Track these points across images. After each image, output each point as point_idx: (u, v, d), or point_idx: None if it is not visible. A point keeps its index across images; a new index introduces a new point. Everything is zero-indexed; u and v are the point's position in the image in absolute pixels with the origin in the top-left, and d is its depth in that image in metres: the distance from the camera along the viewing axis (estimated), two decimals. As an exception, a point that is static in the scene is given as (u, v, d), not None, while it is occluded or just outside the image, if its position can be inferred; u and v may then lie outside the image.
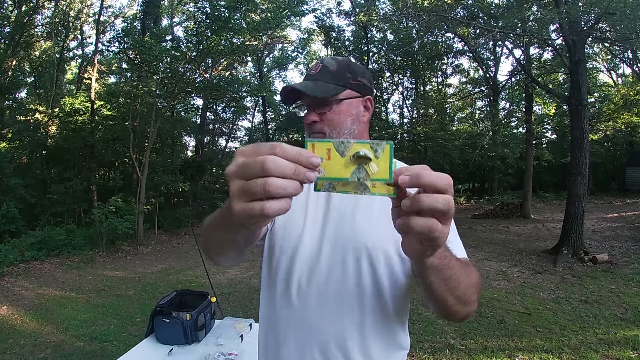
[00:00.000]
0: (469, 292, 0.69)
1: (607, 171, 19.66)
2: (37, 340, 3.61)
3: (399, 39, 14.56)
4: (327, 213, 0.85)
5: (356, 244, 0.80)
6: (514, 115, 16.26)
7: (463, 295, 0.68)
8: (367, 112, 0.90)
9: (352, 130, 0.87)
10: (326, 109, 0.85)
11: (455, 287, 0.65)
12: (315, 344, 0.82)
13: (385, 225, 0.71)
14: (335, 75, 0.86)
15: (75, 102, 11.52)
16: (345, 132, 0.86)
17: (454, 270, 0.63)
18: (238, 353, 1.64)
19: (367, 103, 0.90)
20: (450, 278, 0.63)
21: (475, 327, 3.61)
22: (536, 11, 8.01)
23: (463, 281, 0.66)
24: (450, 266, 0.61)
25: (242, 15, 9.48)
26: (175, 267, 6.82)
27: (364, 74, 0.90)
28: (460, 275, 0.65)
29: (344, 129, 0.86)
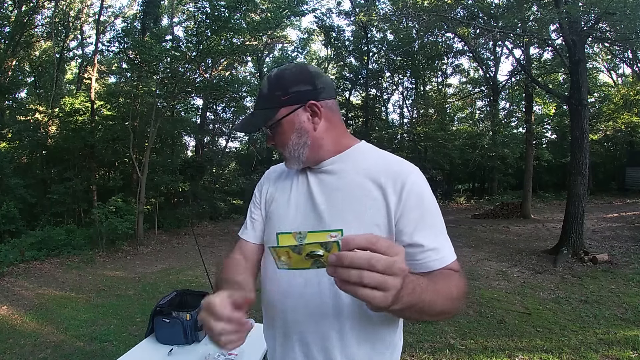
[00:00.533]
0: (445, 307, 0.70)
1: (607, 171, 19.66)
2: (37, 340, 3.61)
3: (399, 39, 14.57)
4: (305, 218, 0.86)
5: None
6: (514, 115, 16.28)
7: (439, 313, 0.69)
8: (316, 117, 0.84)
9: (302, 143, 0.84)
10: (273, 133, 0.86)
11: (430, 309, 0.66)
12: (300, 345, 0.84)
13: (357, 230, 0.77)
14: (266, 98, 0.85)
15: (75, 102, 11.52)
16: (295, 147, 0.85)
17: (424, 302, 0.63)
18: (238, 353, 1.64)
19: (312, 108, 0.83)
20: (422, 310, 0.64)
21: (475, 327, 3.61)
22: (536, 11, 8.01)
23: (437, 304, 0.67)
24: (419, 301, 0.61)
25: (242, 15, 9.47)
26: (175, 267, 6.82)
27: (299, 81, 0.84)
28: (432, 299, 0.65)
29: (292, 146, 0.85)
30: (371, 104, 18.50)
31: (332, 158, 0.86)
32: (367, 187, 0.81)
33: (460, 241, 8.16)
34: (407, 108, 18.71)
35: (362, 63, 17.44)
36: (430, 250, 0.78)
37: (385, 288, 0.49)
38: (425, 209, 0.80)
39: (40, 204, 10.13)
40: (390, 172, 0.81)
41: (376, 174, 0.82)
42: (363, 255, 0.49)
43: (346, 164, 0.86)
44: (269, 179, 0.99)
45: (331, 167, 0.86)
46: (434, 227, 0.81)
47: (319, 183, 0.87)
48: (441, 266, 0.78)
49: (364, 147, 0.89)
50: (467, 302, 4.31)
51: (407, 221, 0.79)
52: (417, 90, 18.48)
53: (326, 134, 0.86)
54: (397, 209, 0.79)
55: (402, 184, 0.79)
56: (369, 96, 18.28)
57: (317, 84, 0.84)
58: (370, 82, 17.73)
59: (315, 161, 0.87)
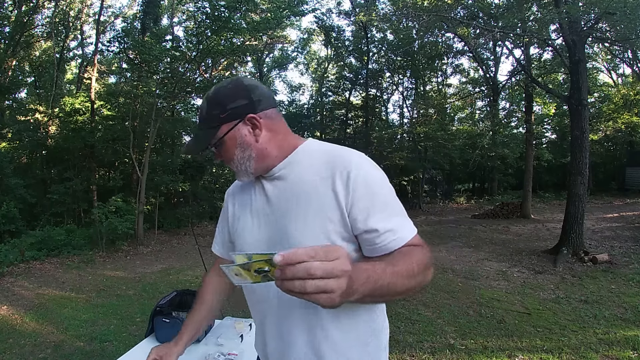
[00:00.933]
0: (409, 284, 0.73)
1: (607, 171, 19.66)
2: (37, 340, 3.61)
3: (399, 39, 14.56)
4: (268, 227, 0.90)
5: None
6: (514, 115, 16.27)
7: (405, 290, 0.73)
8: (256, 130, 0.86)
9: (247, 156, 0.87)
10: (219, 151, 0.90)
11: (391, 291, 0.69)
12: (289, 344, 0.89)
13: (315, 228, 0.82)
14: (206, 118, 0.88)
15: (75, 102, 11.53)
16: (241, 161, 0.88)
17: (383, 284, 0.67)
18: (238, 353, 1.64)
19: (252, 121, 0.85)
20: (383, 293, 0.68)
21: (475, 327, 3.61)
22: (536, 11, 8.01)
23: (398, 284, 0.70)
24: (377, 286, 0.65)
25: (242, 15, 9.48)
26: (175, 267, 6.82)
27: (236, 96, 0.85)
28: (392, 281, 0.68)
29: (238, 160, 0.88)
30: (371, 104, 18.49)
31: (281, 164, 0.89)
32: (316, 185, 0.84)
33: (460, 241, 8.16)
34: (407, 108, 18.71)
35: (362, 63, 17.44)
36: (387, 232, 0.80)
37: (328, 290, 0.55)
38: (375, 193, 0.82)
39: (40, 204, 10.13)
40: (336, 164, 0.83)
41: (323, 169, 0.84)
42: (301, 266, 0.54)
43: (294, 166, 0.88)
44: (231, 195, 1.05)
45: (281, 173, 0.89)
46: (385, 210, 0.82)
47: (273, 190, 0.90)
48: (400, 245, 0.80)
49: (310, 145, 0.91)
50: (467, 302, 4.31)
51: (359, 210, 0.80)
52: (417, 90, 18.47)
53: (269, 143, 0.88)
54: (347, 200, 0.81)
55: (348, 174, 0.81)
56: (369, 96, 18.28)
57: (253, 97, 0.86)
58: (370, 82, 17.72)
59: (264, 170, 0.90)
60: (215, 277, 1.13)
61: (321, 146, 0.91)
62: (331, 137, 20.05)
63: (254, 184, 0.95)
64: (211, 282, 1.13)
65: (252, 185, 0.96)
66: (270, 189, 0.90)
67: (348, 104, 19.26)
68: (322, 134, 20.24)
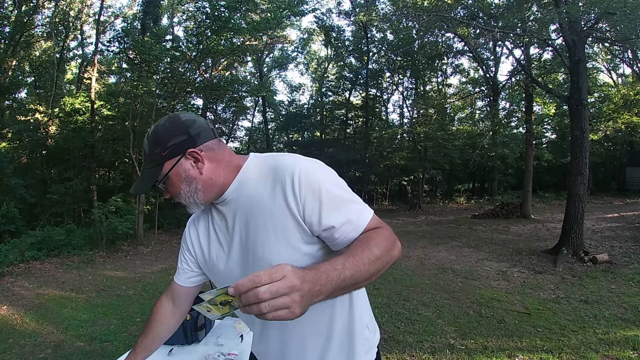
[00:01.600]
0: (374, 268, 0.75)
1: (607, 171, 19.67)
2: (37, 340, 3.61)
3: (399, 39, 14.57)
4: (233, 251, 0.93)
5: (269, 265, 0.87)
6: (514, 115, 16.26)
7: (371, 275, 0.75)
8: (199, 163, 0.87)
9: (194, 189, 0.88)
10: (167, 187, 0.91)
11: (357, 280, 0.72)
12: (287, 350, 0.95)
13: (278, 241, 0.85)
14: (149, 157, 0.89)
15: (75, 102, 11.53)
16: (189, 195, 0.89)
17: (346, 277, 0.69)
18: (238, 353, 1.64)
19: (194, 155, 0.87)
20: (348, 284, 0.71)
21: (475, 327, 3.61)
22: (536, 11, 8.01)
23: (363, 270, 0.72)
24: (340, 281, 0.68)
25: (242, 15, 9.48)
26: (175, 267, 6.81)
27: (174, 133, 0.87)
28: (354, 272, 0.71)
29: (185, 194, 0.89)
30: (371, 104, 18.50)
31: (229, 188, 0.90)
32: (266, 199, 0.86)
33: (460, 241, 8.16)
34: (407, 108, 18.72)
35: (362, 63, 17.45)
36: (343, 225, 0.82)
37: (284, 307, 0.59)
38: (322, 192, 0.82)
39: (40, 204, 10.13)
40: (277, 174, 0.85)
41: (269, 182, 0.86)
42: (251, 293, 0.59)
43: (242, 186, 0.89)
44: (193, 226, 1.06)
45: (232, 196, 0.91)
46: (336, 204, 0.83)
47: (229, 214, 0.92)
48: (359, 233, 0.82)
49: (252, 162, 0.92)
50: (467, 302, 4.31)
51: (311, 212, 0.82)
52: (417, 90, 18.48)
53: (214, 172, 0.89)
54: (298, 206, 0.82)
55: (291, 180, 0.82)
56: (369, 96, 18.29)
57: (191, 131, 0.87)
58: (370, 82, 17.74)
59: (215, 198, 0.92)
60: (164, 302, 1.16)
61: (262, 160, 0.92)
62: (331, 137, 20.08)
63: (210, 212, 0.98)
64: (160, 306, 1.16)
65: (209, 214, 0.98)
66: (227, 213, 0.93)
67: (348, 104, 19.26)
68: (322, 134, 20.25)
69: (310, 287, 0.63)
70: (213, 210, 0.97)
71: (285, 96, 32.78)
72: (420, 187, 17.14)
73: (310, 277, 0.64)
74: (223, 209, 0.93)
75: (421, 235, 8.66)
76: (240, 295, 0.60)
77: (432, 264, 6.25)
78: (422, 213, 14.26)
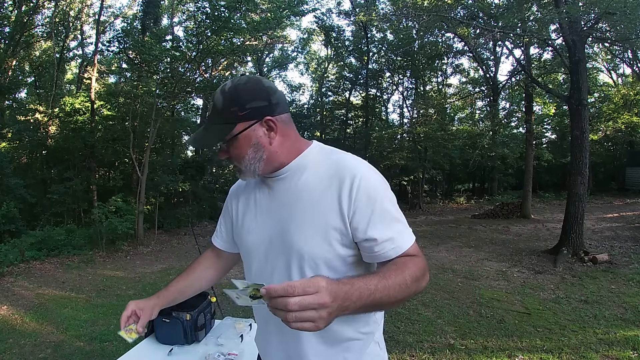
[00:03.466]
0: (401, 295, 0.77)
1: (607, 171, 19.66)
2: (37, 340, 3.61)
3: (399, 39, 14.57)
4: (270, 227, 0.92)
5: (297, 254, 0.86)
6: (514, 115, 16.26)
7: (397, 301, 0.77)
8: (272, 131, 0.86)
9: (259, 157, 0.87)
10: (228, 148, 0.89)
11: (384, 303, 0.74)
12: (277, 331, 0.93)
13: (316, 234, 0.84)
14: (221, 113, 0.86)
15: (75, 102, 11.53)
16: (252, 162, 0.87)
17: (375, 298, 0.71)
18: (238, 353, 1.64)
19: (269, 123, 0.86)
20: (376, 306, 0.73)
21: (475, 327, 3.61)
22: (536, 11, 8.01)
23: (392, 295, 0.74)
24: (369, 301, 0.70)
25: (242, 15, 9.48)
26: (175, 267, 6.82)
27: (256, 96, 0.85)
28: (384, 295, 0.72)
29: (249, 160, 0.88)
30: (371, 104, 18.49)
31: (287, 166, 0.90)
32: (320, 191, 0.86)
33: (460, 241, 8.16)
34: (407, 108, 18.71)
35: (362, 63, 17.44)
36: (386, 241, 0.82)
37: (309, 320, 0.61)
38: (377, 203, 0.83)
39: (40, 204, 10.13)
40: (341, 173, 0.85)
41: (328, 177, 0.86)
42: (280, 301, 0.61)
43: (300, 170, 0.90)
44: (235, 193, 1.06)
45: (287, 175, 0.90)
46: (385, 219, 0.84)
47: (277, 190, 0.92)
48: (397, 254, 0.83)
49: (315, 149, 0.93)
50: (467, 302, 4.31)
51: (360, 218, 0.82)
52: (417, 90, 18.47)
53: (281, 147, 0.88)
54: (350, 208, 0.83)
55: (351, 181, 0.83)
56: (369, 96, 18.28)
57: (272, 100, 0.86)
58: (370, 82, 17.72)
59: (270, 171, 0.91)
60: (209, 254, 1.16)
61: (325, 151, 0.93)
62: (331, 137, 20.06)
63: (258, 185, 0.98)
64: (205, 257, 1.16)
65: (257, 184, 0.98)
66: (275, 188, 0.92)
67: (348, 104, 19.25)
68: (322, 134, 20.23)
69: (340, 303, 0.65)
70: (261, 183, 0.96)
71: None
72: (420, 187, 17.14)
73: (342, 294, 0.65)
74: (273, 184, 0.93)
75: (421, 235, 8.65)
76: (271, 299, 0.62)
77: (432, 264, 6.25)
78: (422, 213, 14.26)
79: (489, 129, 15.17)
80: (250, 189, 1.00)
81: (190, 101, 13.23)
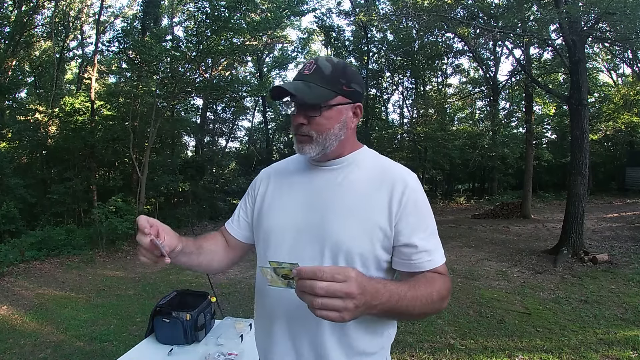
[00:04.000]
0: (426, 310, 0.78)
1: (607, 171, 19.65)
2: (37, 340, 3.61)
3: (399, 39, 14.56)
4: (305, 207, 0.90)
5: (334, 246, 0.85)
6: (514, 115, 16.26)
7: (420, 314, 0.79)
8: (356, 119, 0.91)
9: (339, 136, 0.88)
10: (316, 114, 0.86)
11: (408, 313, 0.75)
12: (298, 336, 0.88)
13: (359, 228, 0.83)
14: (328, 79, 0.86)
15: (75, 102, 11.52)
16: (332, 137, 0.88)
17: (402, 307, 0.72)
18: (238, 353, 1.64)
19: (357, 110, 0.91)
20: (401, 313, 0.74)
21: (475, 327, 3.61)
22: (536, 11, 8.00)
23: (417, 307, 0.75)
24: (396, 306, 0.71)
25: (242, 15, 9.48)
26: (175, 267, 6.80)
27: (357, 80, 0.90)
28: (410, 304, 0.73)
29: (331, 135, 0.87)
30: (371, 104, 18.49)
31: (342, 158, 0.92)
32: (370, 191, 0.87)
33: (460, 241, 8.16)
34: (407, 108, 18.71)
35: (362, 63, 17.43)
36: (424, 252, 0.85)
37: (335, 309, 0.61)
38: (422, 213, 0.88)
39: (40, 204, 10.12)
40: (390, 175, 0.89)
41: (379, 178, 0.88)
42: (308, 283, 0.61)
43: (353, 166, 0.92)
44: (267, 177, 1.03)
45: (338, 167, 0.92)
46: (427, 231, 0.88)
47: (322, 180, 0.92)
48: (431, 267, 0.85)
49: (368, 152, 0.97)
50: (467, 302, 4.31)
51: (406, 224, 0.85)
52: (417, 90, 18.47)
53: (352, 136, 0.93)
54: (397, 212, 0.85)
55: (403, 190, 0.86)
56: (369, 96, 18.27)
57: (363, 90, 0.92)
58: (370, 82, 17.71)
59: (329, 157, 0.91)
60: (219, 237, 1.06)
61: (378, 156, 0.97)
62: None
63: (300, 169, 0.97)
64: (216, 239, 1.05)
65: (297, 169, 0.98)
66: (320, 177, 0.92)
67: (348, 104, 19.22)
68: (322, 134, 20.20)
69: (368, 299, 0.64)
70: (304, 170, 0.96)
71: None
72: (420, 187, 17.12)
73: (372, 290, 0.65)
74: (319, 173, 0.93)
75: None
76: (299, 280, 0.62)
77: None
78: (422, 213, 14.23)
79: (489, 129, 15.17)
80: (286, 173, 0.99)
81: (190, 101, 13.22)
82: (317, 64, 0.87)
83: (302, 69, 0.89)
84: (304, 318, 0.84)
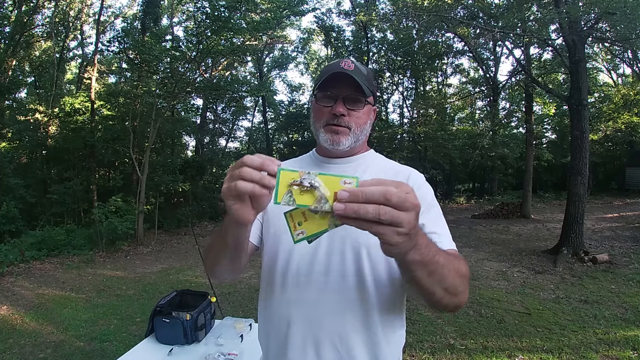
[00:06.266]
0: (456, 283, 0.70)
1: (607, 171, 19.66)
2: (37, 340, 3.61)
3: (399, 39, 14.56)
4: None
5: (354, 242, 0.84)
6: (514, 115, 16.25)
7: (450, 286, 0.69)
8: (373, 121, 0.99)
9: (366, 132, 0.95)
10: (359, 107, 0.91)
11: (441, 279, 0.67)
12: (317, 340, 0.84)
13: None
14: (367, 79, 0.91)
15: (75, 102, 11.51)
16: (364, 133, 0.94)
17: (439, 264, 0.64)
18: (238, 353, 1.64)
19: (374, 113, 0.98)
20: (435, 272, 0.65)
21: (475, 327, 3.61)
22: (536, 11, 8.01)
23: (449, 274, 0.68)
24: (434, 261, 0.63)
25: (242, 15, 9.48)
26: (175, 267, 6.82)
27: (375, 86, 0.98)
28: (445, 268, 0.66)
29: (365, 128, 0.94)
30: (371, 104, 18.48)
31: (354, 156, 0.98)
32: None
33: (460, 241, 8.16)
34: (407, 108, 18.71)
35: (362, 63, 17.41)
36: (432, 234, 0.82)
37: (399, 224, 0.50)
38: (428, 202, 0.89)
39: (40, 204, 10.13)
40: (395, 171, 0.96)
41: (390, 176, 0.88)
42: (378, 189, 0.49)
43: (364, 165, 0.97)
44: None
45: (351, 164, 0.97)
46: (434, 217, 0.88)
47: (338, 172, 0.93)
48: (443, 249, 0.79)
49: (377, 154, 1.03)
50: (467, 302, 4.30)
51: None
52: (417, 90, 18.47)
53: (366, 137, 0.97)
54: None
55: (407, 178, 0.93)
56: (369, 96, 18.26)
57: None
58: (370, 82, 17.71)
59: (346, 154, 0.96)
60: None
61: (382, 158, 1.03)
62: (331, 137, 20.01)
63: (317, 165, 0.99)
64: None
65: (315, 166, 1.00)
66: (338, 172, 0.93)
67: (348, 103, 19.22)
68: (322, 134, 20.19)
69: (419, 232, 0.57)
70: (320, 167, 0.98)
71: (285, 96, 32.69)
72: (420, 187, 17.13)
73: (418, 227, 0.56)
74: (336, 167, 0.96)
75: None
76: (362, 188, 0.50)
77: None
78: (422, 213, 14.23)
79: (489, 129, 15.17)
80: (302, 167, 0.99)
81: (190, 101, 13.21)
82: (353, 63, 0.90)
83: (336, 64, 0.89)
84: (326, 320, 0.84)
